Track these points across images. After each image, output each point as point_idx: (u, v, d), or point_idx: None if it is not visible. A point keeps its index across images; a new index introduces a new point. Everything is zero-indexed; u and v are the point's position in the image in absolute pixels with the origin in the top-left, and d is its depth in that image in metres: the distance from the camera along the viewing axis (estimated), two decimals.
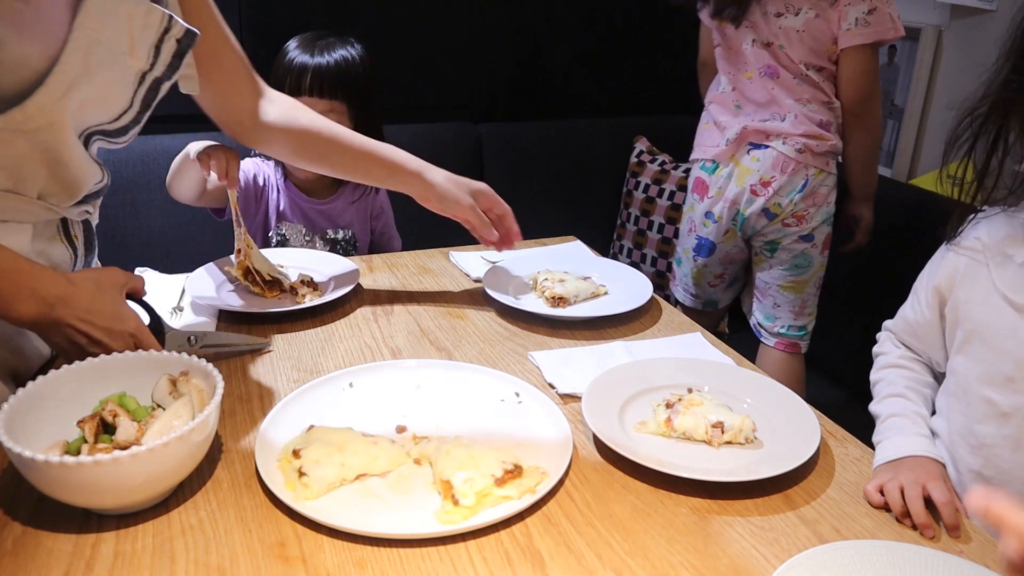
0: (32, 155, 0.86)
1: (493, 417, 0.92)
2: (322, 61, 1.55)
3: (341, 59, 1.57)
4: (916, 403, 0.96)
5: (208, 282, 1.26)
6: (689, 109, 2.82)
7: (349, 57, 1.59)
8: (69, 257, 0.97)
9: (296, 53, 1.57)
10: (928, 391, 0.99)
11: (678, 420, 0.89)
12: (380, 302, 1.27)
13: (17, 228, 0.88)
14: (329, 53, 1.57)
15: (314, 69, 1.54)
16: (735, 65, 1.76)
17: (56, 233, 0.94)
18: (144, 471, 0.70)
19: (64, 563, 0.68)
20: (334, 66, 1.56)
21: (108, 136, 0.95)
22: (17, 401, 0.75)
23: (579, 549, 0.72)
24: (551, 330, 1.17)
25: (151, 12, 0.89)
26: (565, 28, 2.55)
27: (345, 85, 1.57)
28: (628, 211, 2.47)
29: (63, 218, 0.94)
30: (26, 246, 0.89)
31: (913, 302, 1.02)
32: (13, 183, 0.86)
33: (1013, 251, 0.89)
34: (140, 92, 0.94)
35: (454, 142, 2.32)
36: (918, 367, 1.01)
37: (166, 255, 1.63)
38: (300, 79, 1.54)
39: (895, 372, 1.01)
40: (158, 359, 0.85)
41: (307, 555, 0.70)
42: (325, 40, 1.59)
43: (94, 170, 0.95)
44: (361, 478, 0.80)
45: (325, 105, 1.54)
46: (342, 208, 1.67)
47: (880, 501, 0.80)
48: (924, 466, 0.84)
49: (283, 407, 0.90)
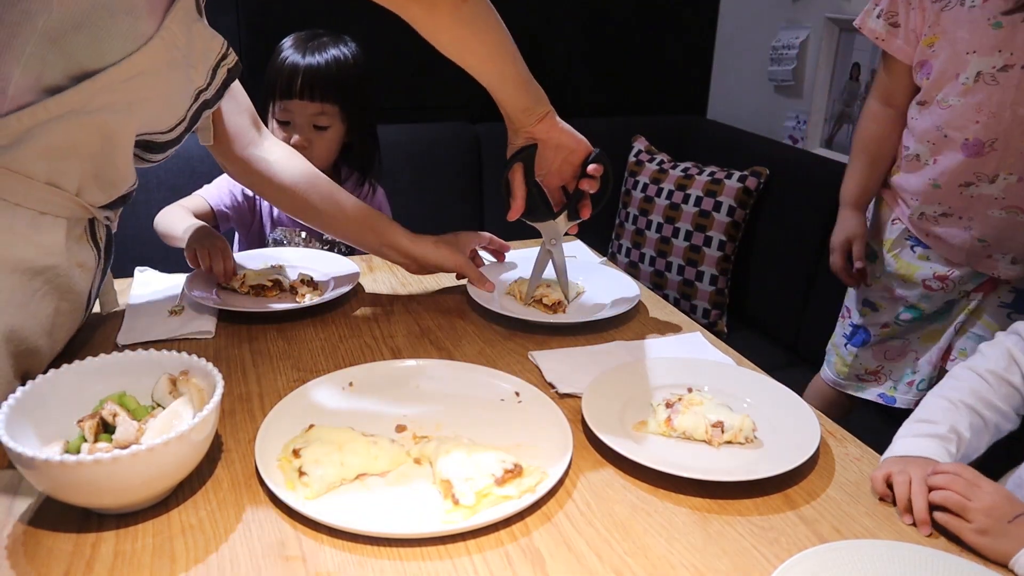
0: (84, 144, 0.86)
1: (493, 417, 0.92)
2: (313, 62, 1.52)
3: (332, 60, 1.54)
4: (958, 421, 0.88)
5: (208, 282, 1.25)
6: (688, 108, 2.84)
7: (341, 57, 1.55)
8: (94, 258, 0.97)
9: (289, 53, 1.54)
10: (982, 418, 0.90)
11: (678, 420, 0.89)
12: (380, 302, 1.27)
13: (54, 222, 0.88)
14: (321, 53, 1.53)
15: (304, 70, 1.51)
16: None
17: (84, 233, 0.94)
18: (144, 471, 0.70)
19: (64, 563, 0.68)
20: (324, 67, 1.53)
21: (150, 150, 0.98)
22: (18, 400, 0.75)
23: (579, 549, 0.72)
24: (551, 330, 1.17)
25: (215, 37, 0.96)
26: (564, 28, 2.56)
27: (337, 87, 1.54)
28: (626, 210, 2.47)
29: (91, 219, 0.94)
30: (61, 241, 0.90)
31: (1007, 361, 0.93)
32: (56, 176, 0.86)
33: None
34: (192, 109, 0.98)
35: (452, 142, 2.32)
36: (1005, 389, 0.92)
37: (166, 255, 1.62)
38: (291, 81, 1.52)
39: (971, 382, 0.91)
40: (158, 359, 0.85)
41: (307, 555, 0.70)
42: (318, 40, 1.56)
43: (132, 172, 0.97)
44: (361, 478, 0.80)
45: (316, 108, 1.52)
46: None
47: (884, 491, 0.80)
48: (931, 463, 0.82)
49: (283, 407, 0.90)
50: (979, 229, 1.40)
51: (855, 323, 1.65)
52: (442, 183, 2.32)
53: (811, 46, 2.37)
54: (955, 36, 1.32)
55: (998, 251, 1.42)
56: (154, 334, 1.10)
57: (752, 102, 2.63)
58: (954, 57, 1.33)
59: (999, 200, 1.37)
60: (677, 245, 2.34)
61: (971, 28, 1.29)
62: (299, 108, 1.53)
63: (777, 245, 2.28)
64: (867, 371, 1.66)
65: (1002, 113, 1.30)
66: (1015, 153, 1.32)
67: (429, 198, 2.28)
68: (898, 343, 1.61)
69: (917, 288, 1.52)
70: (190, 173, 2.02)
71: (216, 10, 1.06)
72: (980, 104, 1.32)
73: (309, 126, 1.54)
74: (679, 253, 2.34)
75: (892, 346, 1.62)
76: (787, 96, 2.50)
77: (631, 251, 2.46)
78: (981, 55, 1.29)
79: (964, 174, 1.37)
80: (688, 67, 2.80)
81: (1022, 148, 1.31)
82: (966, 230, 1.42)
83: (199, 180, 1.75)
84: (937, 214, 1.45)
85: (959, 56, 1.32)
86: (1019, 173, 1.33)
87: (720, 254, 2.28)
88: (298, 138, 1.54)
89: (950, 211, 1.42)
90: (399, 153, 2.22)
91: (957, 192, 1.40)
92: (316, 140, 1.56)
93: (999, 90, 1.29)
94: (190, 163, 2.04)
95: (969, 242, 1.42)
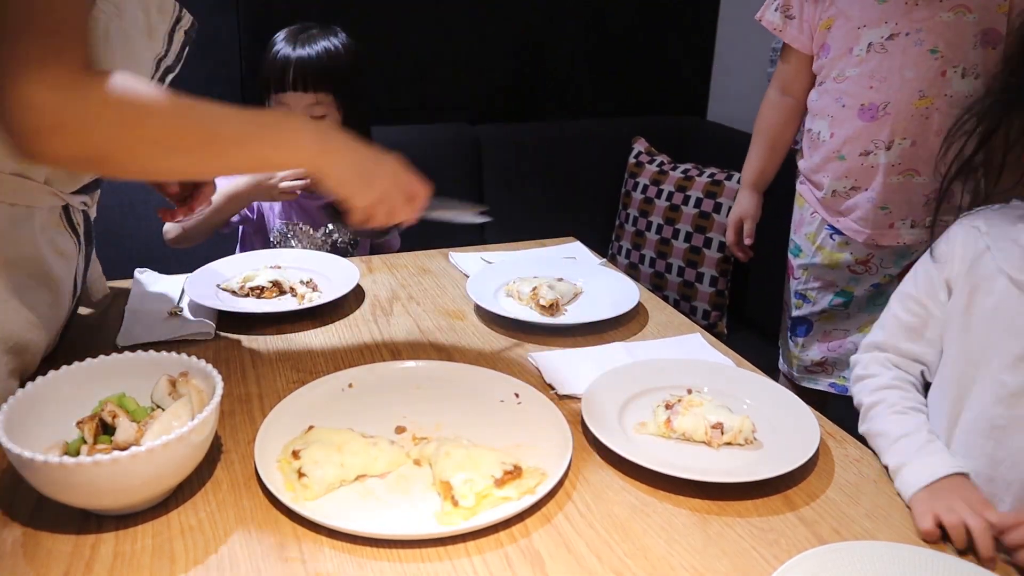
0: None
1: (493, 418, 0.92)
2: (304, 54, 1.54)
3: (323, 50, 1.56)
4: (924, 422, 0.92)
5: (208, 282, 1.25)
6: (688, 110, 2.84)
7: (332, 48, 1.57)
8: (74, 245, 0.97)
9: (281, 46, 1.56)
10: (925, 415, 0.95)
11: (678, 421, 0.89)
12: (380, 303, 1.27)
13: (26, 213, 0.88)
14: (312, 45, 1.55)
15: (296, 63, 1.53)
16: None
17: (60, 220, 0.94)
18: (143, 472, 0.70)
19: (63, 564, 0.68)
20: (315, 58, 1.54)
21: None
22: (17, 401, 0.75)
23: (578, 550, 0.72)
24: (550, 331, 1.17)
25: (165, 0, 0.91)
26: (563, 29, 2.55)
27: (329, 77, 1.56)
28: (627, 212, 2.47)
29: (65, 205, 0.94)
30: (35, 232, 0.89)
31: (903, 305, 1.01)
32: (23, 166, 0.86)
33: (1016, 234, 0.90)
34: (155, 79, 0.94)
35: (452, 144, 2.32)
36: (913, 391, 0.97)
37: (166, 255, 1.62)
38: (283, 74, 1.54)
39: (895, 394, 0.96)
40: (157, 360, 0.85)
41: (307, 556, 0.70)
42: (308, 32, 1.58)
43: None
44: (361, 479, 0.80)
45: (310, 99, 1.54)
46: None
47: (938, 535, 0.76)
48: (964, 488, 0.81)
49: (283, 407, 0.90)
50: (880, 197, 1.47)
51: (793, 315, 1.73)
52: (442, 184, 2.30)
53: None
54: (849, 14, 1.44)
55: (898, 217, 1.49)
56: (153, 335, 1.10)
57: (752, 104, 2.61)
58: (848, 33, 1.44)
59: (896, 167, 1.44)
60: (677, 246, 2.33)
61: (861, 5, 1.42)
62: (294, 100, 1.55)
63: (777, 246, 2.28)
64: (814, 363, 1.72)
65: (891, 77, 1.40)
66: (906, 117, 1.40)
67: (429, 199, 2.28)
68: (839, 334, 1.67)
69: (843, 272, 1.59)
70: None
71: (216, 10, 1.06)
72: (872, 71, 1.42)
73: (306, 117, 1.55)
74: (679, 254, 2.34)
75: (834, 338, 1.68)
76: None
77: (631, 252, 2.45)
78: (871, 28, 1.41)
79: (863, 141, 1.46)
80: (688, 68, 2.80)
81: (912, 112, 1.40)
82: (869, 201, 1.49)
83: None
84: (847, 188, 1.52)
85: (852, 32, 1.43)
86: (912, 137, 1.41)
87: (720, 255, 2.28)
88: None
89: (857, 184, 1.50)
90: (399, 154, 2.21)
91: (859, 163, 1.48)
92: None
93: (888, 57, 1.40)
94: None
95: (872, 212, 1.49)
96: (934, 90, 1.38)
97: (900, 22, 1.38)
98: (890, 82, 1.40)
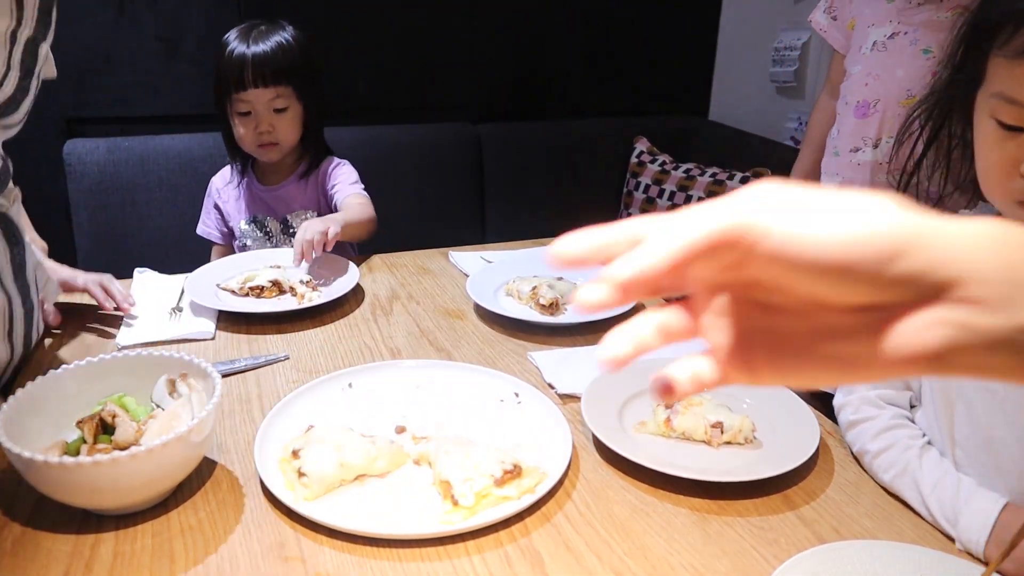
0: None
1: (493, 417, 0.92)
2: (259, 50, 1.56)
3: (277, 45, 1.58)
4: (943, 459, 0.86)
5: (208, 283, 1.25)
6: (690, 109, 2.84)
7: (284, 42, 1.59)
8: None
9: (235, 45, 1.57)
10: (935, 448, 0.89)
11: (677, 420, 0.89)
12: (379, 302, 1.27)
13: None
14: (264, 41, 1.57)
15: (253, 59, 1.55)
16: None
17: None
18: (143, 471, 0.70)
19: (63, 563, 0.68)
20: (271, 53, 1.56)
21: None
22: (17, 401, 0.75)
23: (578, 549, 0.72)
24: (550, 330, 1.17)
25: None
26: (565, 28, 2.55)
27: (286, 69, 1.58)
28: (628, 211, 2.47)
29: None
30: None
31: None
32: None
33: None
34: (16, 54, 0.86)
35: (454, 143, 2.32)
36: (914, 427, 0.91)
37: (166, 255, 1.63)
38: (241, 73, 1.55)
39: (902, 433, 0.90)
40: (158, 359, 0.85)
41: (307, 555, 0.70)
42: (258, 29, 1.60)
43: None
44: (360, 478, 0.80)
45: (271, 93, 1.55)
46: (295, 192, 1.67)
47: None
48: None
49: (283, 407, 0.90)
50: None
51: None
52: (443, 184, 2.32)
53: (813, 47, 2.37)
54: (864, 13, 1.45)
55: None
56: (153, 335, 1.10)
57: (754, 103, 2.63)
58: (860, 32, 1.46)
59: (883, 165, 1.44)
60: None
61: (873, 4, 1.44)
62: (256, 96, 1.56)
63: None
64: None
65: (884, 75, 1.40)
66: (893, 115, 1.40)
67: (430, 199, 2.28)
68: None
69: None
70: (192, 173, 2.02)
71: (217, 9, 1.06)
72: (870, 69, 1.43)
73: (269, 111, 1.58)
74: None
75: None
76: (789, 97, 2.50)
77: None
78: (878, 26, 1.42)
79: (853, 138, 1.46)
80: (690, 68, 2.80)
81: (899, 110, 1.40)
82: None
83: (201, 180, 1.75)
84: (838, 185, 1.52)
85: (864, 31, 1.45)
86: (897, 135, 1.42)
87: None
88: (263, 126, 1.56)
89: (846, 180, 1.50)
90: (400, 154, 2.22)
91: (848, 159, 1.48)
92: (278, 123, 1.59)
93: (885, 55, 1.41)
94: (192, 163, 2.04)
95: None
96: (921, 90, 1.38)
97: (903, 21, 1.39)
98: (883, 80, 1.41)
